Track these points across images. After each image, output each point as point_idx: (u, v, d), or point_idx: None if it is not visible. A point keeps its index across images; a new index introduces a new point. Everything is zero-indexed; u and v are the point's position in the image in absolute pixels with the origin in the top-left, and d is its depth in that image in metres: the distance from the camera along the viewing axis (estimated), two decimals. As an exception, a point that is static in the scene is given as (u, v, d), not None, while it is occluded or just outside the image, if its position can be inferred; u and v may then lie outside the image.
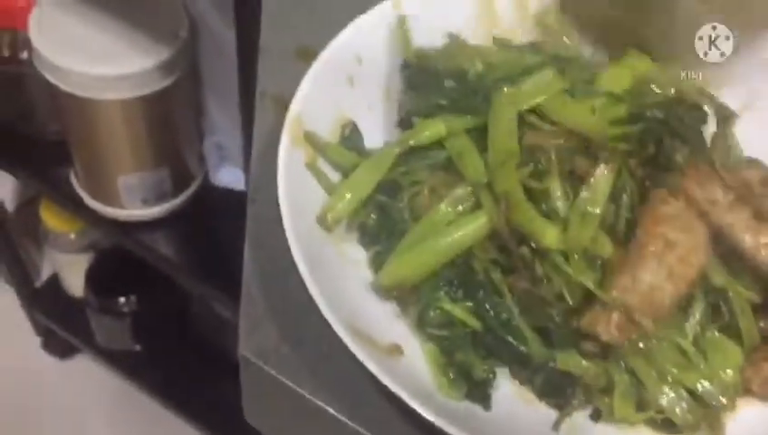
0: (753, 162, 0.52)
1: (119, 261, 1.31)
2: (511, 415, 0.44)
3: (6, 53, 1.03)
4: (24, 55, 1.02)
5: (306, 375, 0.45)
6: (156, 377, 1.36)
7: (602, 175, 0.46)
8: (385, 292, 0.46)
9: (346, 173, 0.49)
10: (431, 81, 0.52)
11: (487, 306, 0.45)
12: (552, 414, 0.45)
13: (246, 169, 0.99)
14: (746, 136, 0.55)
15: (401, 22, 0.54)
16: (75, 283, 1.36)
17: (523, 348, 0.44)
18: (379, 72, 0.53)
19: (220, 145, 1.10)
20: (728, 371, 0.44)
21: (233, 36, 0.80)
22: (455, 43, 0.54)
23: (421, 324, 0.45)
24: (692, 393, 0.44)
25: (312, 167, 0.48)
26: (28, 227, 1.44)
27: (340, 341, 0.42)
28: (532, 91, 0.49)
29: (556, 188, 0.46)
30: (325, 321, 0.41)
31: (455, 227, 0.45)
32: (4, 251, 1.36)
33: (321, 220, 0.47)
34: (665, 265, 0.44)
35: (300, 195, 0.46)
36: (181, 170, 1.08)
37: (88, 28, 0.94)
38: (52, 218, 1.28)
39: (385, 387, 0.39)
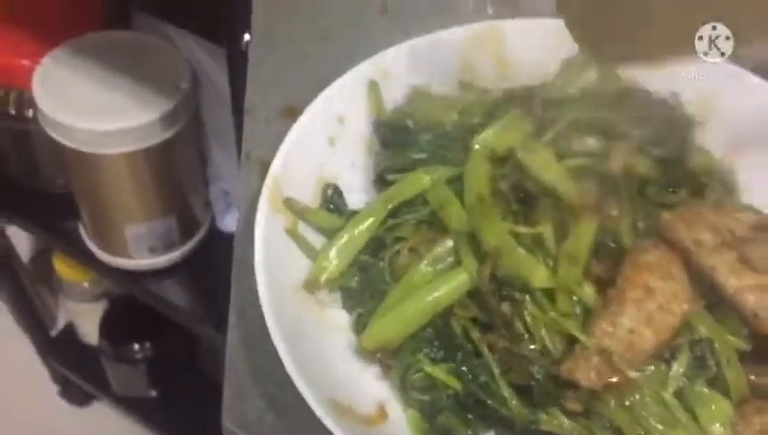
0: (748, 207, 0.52)
1: (132, 308, 1.31)
2: (498, 479, 0.44)
3: (12, 111, 1.04)
4: (30, 113, 1.03)
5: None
6: (171, 421, 1.36)
7: (582, 229, 0.46)
8: (368, 355, 0.46)
9: (329, 236, 0.49)
10: (405, 137, 0.52)
11: (465, 368, 0.44)
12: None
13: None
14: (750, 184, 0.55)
15: (373, 86, 0.54)
16: (90, 331, 1.36)
17: (504, 410, 0.44)
18: (360, 131, 0.54)
19: (226, 191, 1.11)
20: (717, 425, 0.44)
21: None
22: (417, 94, 0.54)
23: (403, 388, 0.45)
24: (679, 451, 0.43)
25: (292, 233, 0.48)
26: (43, 277, 1.45)
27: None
28: (501, 137, 0.49)
29: (548, 230, 0.46)
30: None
31: (434, 285, 0.45)
32: (19, 301, 1.37)
33: (311, 284, 0.47)
34: (644, 312, 0.43)
35: (280, 263, 0.46)
36: (188, 218, 1.09)
37: (90, 84, 0.96)
38: (65, 268, 1.29)
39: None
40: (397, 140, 0.53)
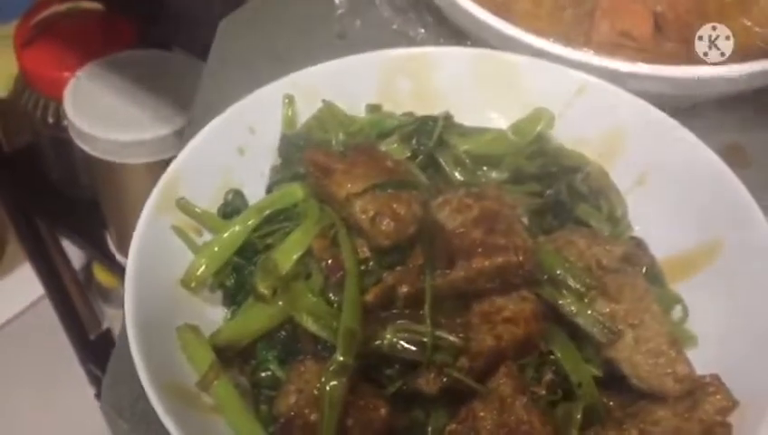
0: (623, 240, 0.52)
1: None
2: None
3: (51, 120, 1.12)
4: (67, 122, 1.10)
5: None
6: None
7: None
8: (222, 351, 0.47)
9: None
10: (296, 152, 0.54)
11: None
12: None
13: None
14: (638, 211, 0.54)
15: (289, 100, 0.56)
16: (126, 336, 1.42)
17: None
18: (272, 143, 0.56)
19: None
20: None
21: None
22: (327, 110, 0.56)
23: (254, 385, 0.47)
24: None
25: (179, 230, 0.51)
26: (88, 284, 1.52)
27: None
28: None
29: None
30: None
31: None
32: (61, 308, 1.44)
33: (186, 281, 0.50)
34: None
35: (162, 257, 0.49)
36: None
37: (116, 98, 1.03)
38: (102, 274, 1.36)
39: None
40: (290, 153, 0.55)
